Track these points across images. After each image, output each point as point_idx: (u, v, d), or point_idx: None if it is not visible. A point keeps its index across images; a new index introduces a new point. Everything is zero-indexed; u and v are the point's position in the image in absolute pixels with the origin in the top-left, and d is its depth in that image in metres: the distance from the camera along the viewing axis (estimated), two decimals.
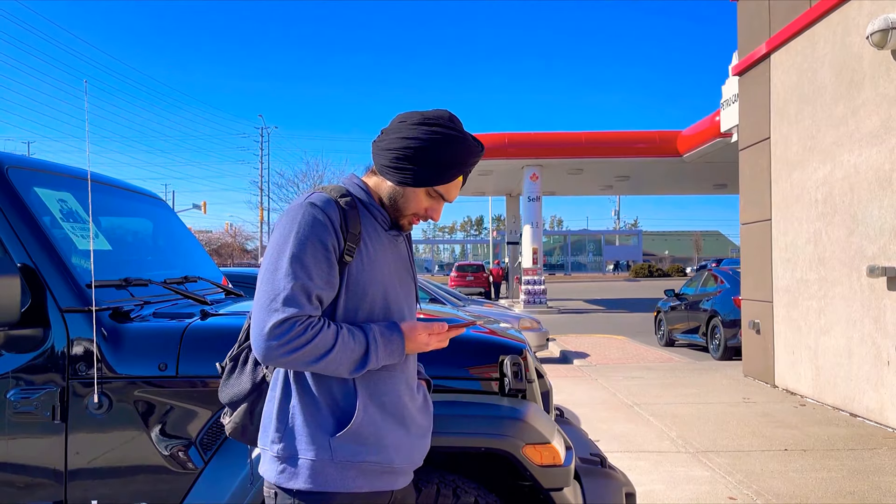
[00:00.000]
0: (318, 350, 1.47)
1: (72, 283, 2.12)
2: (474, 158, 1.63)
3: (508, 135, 20.54)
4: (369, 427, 1.55)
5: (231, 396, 1.69)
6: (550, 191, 26.20)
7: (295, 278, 1.48)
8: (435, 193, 1.64)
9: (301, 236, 1.50)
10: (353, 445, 1.53)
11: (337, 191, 1.62)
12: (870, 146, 6.10)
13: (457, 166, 1.61)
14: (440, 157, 1.58)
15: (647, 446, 5.32)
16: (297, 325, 1.46)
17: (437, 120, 1.60)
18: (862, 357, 6.18)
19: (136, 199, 3.07)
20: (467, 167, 1.63)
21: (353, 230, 1.56)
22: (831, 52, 6.71)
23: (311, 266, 1.49)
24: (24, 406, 2.05)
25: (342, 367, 1.50)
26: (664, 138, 19.63)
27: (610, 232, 66.53)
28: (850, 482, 4.40)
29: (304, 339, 1.45)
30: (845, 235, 6.47)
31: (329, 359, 1.48)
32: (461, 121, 1.65)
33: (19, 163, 2.33)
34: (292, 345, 1.45)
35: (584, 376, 8.63)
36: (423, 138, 1.57)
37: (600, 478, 2.42)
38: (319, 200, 1.55)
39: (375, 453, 1.55)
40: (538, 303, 21.04)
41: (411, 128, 1.59)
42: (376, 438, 1.56)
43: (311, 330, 1.47)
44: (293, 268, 1.48)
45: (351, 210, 1.58)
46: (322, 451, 1.52)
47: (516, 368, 2.23)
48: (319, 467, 1.52)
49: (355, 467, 1.53)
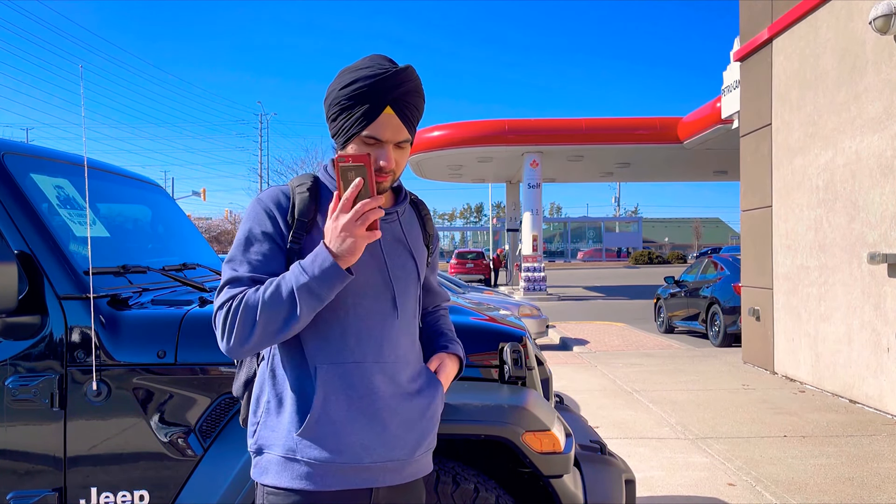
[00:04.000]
0: (248, 318, 1.39)
1: (69, 270, 2.10)
2: (386, 83, 1.46)
3: (508, 121, 20.47)
4: (327, 426, 1.46)
5: (235, 388, 1.70)
6: (550, 178, 26.17)
7: (232, 269, 1.47)
8: (371, 140, 1.48)
9: (246, 229, 1.52)
10: (314, 442, 1.46)
11: (299, 180, 1.59)
12: (872, 132, 6.07)
13: (371, 98, 1.46)
14: (350, 101, 1.47)
15: (646, 433, 5.33)
16: (223, 310, 1.42)
17: (350, 66, 1.52)
18: (862, 344, 6.18)
19: (135, 185, 3.05)
20: (383, 95, 1.46)
21: (304, 217, 1.52)
22: (834, 38, 6.66)
23: (246, 255, 1.49)
24: (23, 393, 2.04)
25: (277, 314, 1.39)
26: (665, 125, 19.59)
27: (610, 219, 66.47)
28: (849, 468, 4.42)
29: (230, 318, 1.40)
30: (846, 222, 6.46)
31: (262, 317, 1.38)
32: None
33: (16, 149, 2.31)
34: (227, 330, 1.40)
35: (584, 363, 8.64)
36: (331, 90, 1.52)
37: (600, 465, 2.42)
38: (267, 193, 1.56)
39: (338, 452, 1.46)
40: (538, 290, 21.06)
41: (332, 84, 1.54)
42: (337, 437, 1.46)
43: (232, 307, 1.40)
44: (230, 261, 1.50)
45: (305, 196, 1.54)
46: (284, 447, 1.47)
47: (516, 355, 2.22)
48: (287, 464, 1.47)
49: (322, 466, 1.46)
